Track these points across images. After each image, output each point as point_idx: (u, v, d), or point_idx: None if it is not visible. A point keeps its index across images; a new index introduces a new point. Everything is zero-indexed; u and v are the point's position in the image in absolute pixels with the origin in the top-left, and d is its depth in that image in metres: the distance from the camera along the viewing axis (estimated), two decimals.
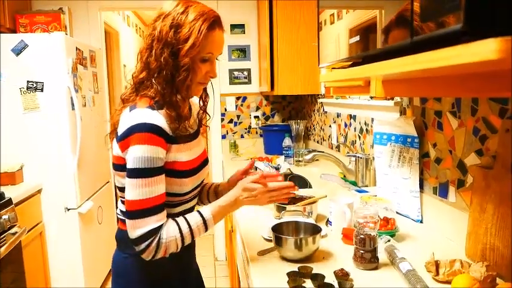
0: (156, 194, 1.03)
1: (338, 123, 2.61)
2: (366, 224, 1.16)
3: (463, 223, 1.25)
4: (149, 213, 1.02)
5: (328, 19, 1.27)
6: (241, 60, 3.59)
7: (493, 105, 1.16)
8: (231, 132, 3.66)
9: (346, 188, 2.00)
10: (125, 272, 1.19)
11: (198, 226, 1.08)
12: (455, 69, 0.57)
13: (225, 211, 1.16)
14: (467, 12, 0.47)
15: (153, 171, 1.02)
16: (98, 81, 3.32)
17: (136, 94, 1.13)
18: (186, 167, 1.13)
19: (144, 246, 1.02)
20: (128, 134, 1.03)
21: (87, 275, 2.80)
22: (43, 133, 2.60)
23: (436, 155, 1.45)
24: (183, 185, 1.13)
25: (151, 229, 1.02)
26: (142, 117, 1.03)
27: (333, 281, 1.06)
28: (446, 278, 1.04)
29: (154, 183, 1.03)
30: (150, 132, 1.02)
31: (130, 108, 1.08)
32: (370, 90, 1.12)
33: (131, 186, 1.02)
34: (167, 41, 1.06)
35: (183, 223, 1.07)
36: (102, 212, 3.22)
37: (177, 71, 1.07)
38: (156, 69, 1.08)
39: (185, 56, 1.06)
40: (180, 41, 1.06)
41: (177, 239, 1.05)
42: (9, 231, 2.04)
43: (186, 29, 1.05)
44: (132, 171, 1.02)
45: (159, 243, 1.02)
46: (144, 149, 1.01)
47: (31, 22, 2.93)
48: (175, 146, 1.10)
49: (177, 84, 1.09)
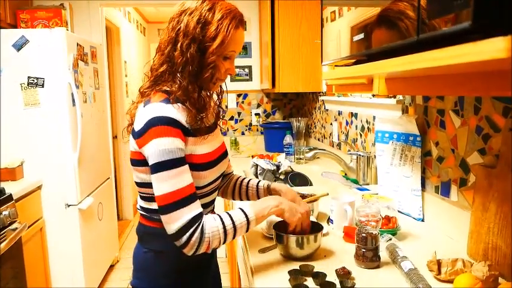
0: (184, 184, 1.01)
1: (339, 121, 2.60)
2: (368, 222, 1.16)
3: (464, 222, 1.25)
4: (182, 204, 1.00)
5: (329, 16, 1.27)
6: (243, 57, 3.58)
7: (496, 104, 1.15)
8: (231, 129, 3.66)
9: (347, 186, 1.99)
10: (145, 267, 1.19)
11: (241, 224, 1.07)
12: (461, 68, 0.56)
13: (266, 216, 1.15)
14: (476, 10, 0.46)
15: (176, 162, 1.01)
16: (99, 77, 3.31)
17: (155, 87, 1.12)
18: (204, 159, 1.12)
19: (185, 239, 1.00)
20: (144, 130, 1.03)
21: (87, 271, 2.80)
22: (44, 129, 2.59)
23: (438, 154, 1.45)
24: (201, 178, 1.12)
25: (189, 220, 1.00)
26: (157, 111, 1.03)
27: (335, 280, 1.06)
28: (448, 277, 1.04)
29: (179, 174, 1.01)
30: (167, 125, 1.02)
31: (145, 104, 1.08)
32: (373, 88, 1.12)
33: (158, 181, 1.01)
34: (194, 37, 1.06)
35: (227, 219, 1.05)
36: (103, 208, 3.22)
37: (203, 68, 1.08)
38: (182, 63, 1.07)
39: (212, 54, 1.07)
40: (208, 38, 1.06)
41: (220, 234, 1.03)
42: (10, 227, 2.03)
43: (214, 26, 1.06)
44: (156, 165, 1.01)
45: (202, 236, 1.01)
46: (163, 141, 1.01)
47: (32, 18, 2.92)
48: (192, 138, 1.09)
49: (203, 81, 1.10)
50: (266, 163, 2.39)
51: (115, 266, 3.56)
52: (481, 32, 0.46)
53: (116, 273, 3.45)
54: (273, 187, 1.35)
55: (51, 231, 2.67)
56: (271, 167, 2.37)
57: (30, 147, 2.59)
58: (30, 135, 2.58)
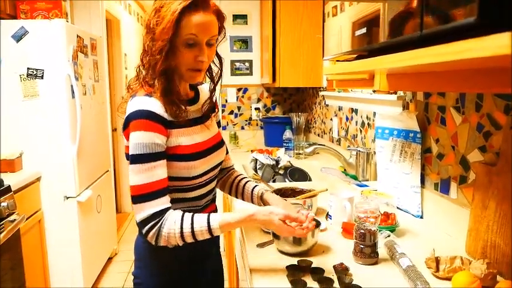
0: (155, 179, 1.04)
1: (339, 117, 2.59)
2: (367, 218, 1.15)
3: (463, 220, 1.25)
4: (147, 198, 1.04)
5: (330, 11, 1.26)
6: (243, 51, 3.57)
7: (498, 102, 1.14)
8: (231, 124, 3.65)
9: (346, 182, 1.99)
10: (144, 256, 1.21)
11: (202, 230, 1.06)
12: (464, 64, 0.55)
13: (233, 227, 1.15)
14: (481, 5, 0.46)
15: (150, 157, 1.04)
16: (99, 69, 3.29)
17: (140, 82, 1.14)
18: (192, 150, 1.14)
19: (145, 231, 1.04)
20: (127, 123, 1.07)
21: (85, 264, 2.81)
22: (43, 121, 2.58)
23: (438, 151, 1.44)
24: (190, 169, 1.13)
25: (152, 213, 1.03)
26: (139, 105, 1.06)
27: (332, 276, 1.06)
28: (446, 275, 1.04)
29: (151, 169, 1.04)
30: (146, 119, 1.04)
31: (131, 98, 1.11)
32: (374, 84, 1.11)
33: (131, 172, 1.05)
34: (149, 27, 1.07)
35: (187, 222, 1.05)
36: (101, 201, 3.22)
37: (158, 57, 1.05)
38: (144, 56, 1.10)
39: (158, 40, 1.04)
40: (156, 25, 1.05)
41: (176, 235, 1.04)
42: (8, 219, 2.03)
43: (163, 12, 1.03)
44: (132, 157, 1.05)
45: (159, 231, 1.04)
46: (140, 135, 1.04)
47: (32, 8, 2.90)
48: (176, 130, 1.11)
49: (159, 70, 1.07)
50: (265, 158, 2.39)
51: (113, 258, 3.56)
52: (487, 27, 0.45)
53: (114, 265, 3.45)
54: (265, 198, 1.33)
55: (50, 223, 2.66)
56: (271, 162, 2.37)
57: (29, 138, 2.58)
58: (29, 127, 2.57)
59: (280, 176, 2.27)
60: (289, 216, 1.10)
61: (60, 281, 2.72)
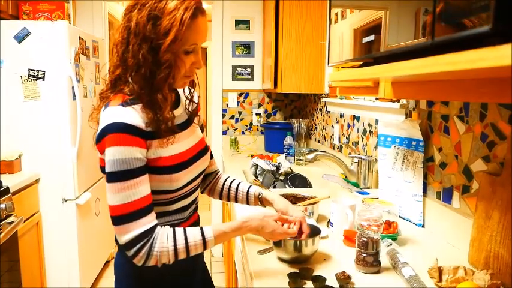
0: (138, 196, 0.96)
1: (341, 124, 2.59)
2: (369, 226, 1.14)
3: (466, 229, 1.24)
4: (133, 217, 0.95)
5: (333, 18, 1.25)
6: (245, 57, 3.57)
7: (503, 111, 1.14)
8: (232, 129, 3.64)
9: (347, 189, 1.98)
10: (123, 276, 1.15)
11: (196, 244, 1.01)
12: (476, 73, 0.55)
13: (228, 237, 1.09)
14: (496, 13, 0.45)
15: (131, 173, 0.95)
16: (100, 72, 3.29)
17: (113, 91, 1.04)
18: (174, 161, 1.06)
19: (133, 253, 0.96)
20: (101, 136, 0.97)
21: (83, 267, 2.79)
22: (43, 122, 2.57)
23: (441, 160, 1.44)
24: (173, 181, 1.06)
25: (139, 234, 0.95)
26: (115, 117, 0.95)
27: (334, 284, 1.05)
28: (449, 285, 1.03)
29: (134, 186, 0.95)
30: (124, 133, 0.94)
31: (105, 107, 1.00)
32: (379, 92, 1.10)
33: (110, 191, 0.96)
34: (145, 36, 0.95)
35: (181, 237, 0.99)
36: (100, 204, 3.20)
37: (157, 68, 0.97)
38: (134, 66, 0.98)
39: (167, 52, 0.95)
40: (160, 34, 0.94)
41: (169, 252, 0.98)
42: (6, 220, 2.02)
43: (166, 21, 0.94)
44: (110, 175, 0.95)
45: (150, 251, 0.96)
46: (118, 150, 0.94)
47: (34, 10, 2.90)
48: (157, 141, 1.02)
49: (158, 82, 0.98)
50: (266, 163, 2.38)
51: (111, 262, 3.54)
52: (503, 36, 0.44)
53: (111, 269, 3.42)
54: (264, 197, 1.29)
55: (48, 225, 2.65)
56: (271, 168, 2.36)
57: (29, 140, 2.57)
58: (29, 128, 2.56)
59: (280, 182, 2.26)
60: (281, 217, 1.10)
61: (57, 283, 2.70)
